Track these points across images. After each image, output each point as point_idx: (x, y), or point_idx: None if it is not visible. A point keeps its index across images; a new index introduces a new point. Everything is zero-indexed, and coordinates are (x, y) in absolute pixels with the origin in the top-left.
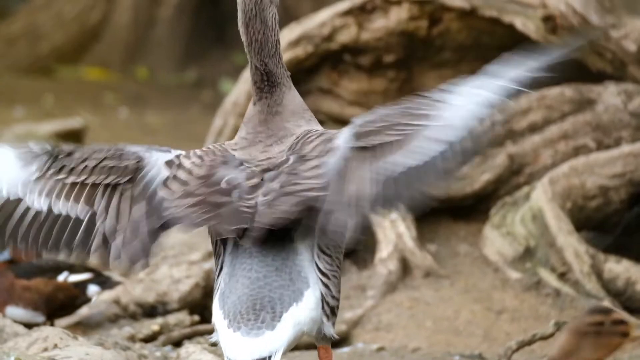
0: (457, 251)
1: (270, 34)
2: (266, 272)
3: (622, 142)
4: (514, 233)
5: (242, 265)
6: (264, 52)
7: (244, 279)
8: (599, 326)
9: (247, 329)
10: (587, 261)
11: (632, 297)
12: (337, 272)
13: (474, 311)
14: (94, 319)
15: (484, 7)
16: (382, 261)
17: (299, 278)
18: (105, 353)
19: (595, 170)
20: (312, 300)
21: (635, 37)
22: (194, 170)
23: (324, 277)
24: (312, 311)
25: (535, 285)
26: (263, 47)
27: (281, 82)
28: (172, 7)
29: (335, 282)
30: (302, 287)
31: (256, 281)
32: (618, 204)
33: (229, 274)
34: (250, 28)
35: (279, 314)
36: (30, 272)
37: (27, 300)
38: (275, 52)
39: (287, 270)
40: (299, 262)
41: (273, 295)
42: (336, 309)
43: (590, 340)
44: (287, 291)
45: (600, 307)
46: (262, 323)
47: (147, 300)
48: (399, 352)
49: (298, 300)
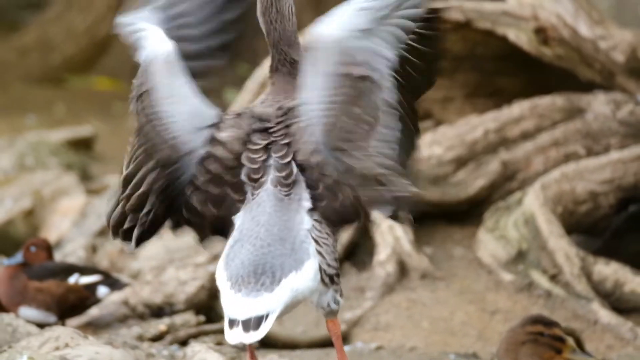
0: (452, 254)
1: (287, 23)
2: (271, 240)
3: (610, 149)
4: (507, 236)
5: (249, 232)
6: (283, 41)
7: (248, 245)
8: (537, 335)
9: (246, 290)
10: (577, 263)
11: (621, 298)
12: (328, 240)
13: (469, 312)
14: (103, 319)
15: (478, 20)
16: (380, 264)
17: (301, 248)
18: (115, 352)
19: (585, 176)
20: (311, 270)
21: (623, 48)
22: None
23: (317, 245)
24: (310, 281)
25: (527, 287)
26: (282, 36)
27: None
28: None
29: (328, 250)
30: (303, 257)
31: (260, 248)
32: (607, 209)
33: (235, 239)
34: (267, 17)
35: (278, 279)
36: (42, 274)
37: (40, 301)
38: (295, 41)
39: (291, 240)
40: (303, 232)
41: (275, 262)
42: (335, 277)
43: (528, 347)
44: (288, 259)
45: (542, 318)
46: (262, 286)
47: (155, 302)
48: (396, 351)
49: (298, 268)
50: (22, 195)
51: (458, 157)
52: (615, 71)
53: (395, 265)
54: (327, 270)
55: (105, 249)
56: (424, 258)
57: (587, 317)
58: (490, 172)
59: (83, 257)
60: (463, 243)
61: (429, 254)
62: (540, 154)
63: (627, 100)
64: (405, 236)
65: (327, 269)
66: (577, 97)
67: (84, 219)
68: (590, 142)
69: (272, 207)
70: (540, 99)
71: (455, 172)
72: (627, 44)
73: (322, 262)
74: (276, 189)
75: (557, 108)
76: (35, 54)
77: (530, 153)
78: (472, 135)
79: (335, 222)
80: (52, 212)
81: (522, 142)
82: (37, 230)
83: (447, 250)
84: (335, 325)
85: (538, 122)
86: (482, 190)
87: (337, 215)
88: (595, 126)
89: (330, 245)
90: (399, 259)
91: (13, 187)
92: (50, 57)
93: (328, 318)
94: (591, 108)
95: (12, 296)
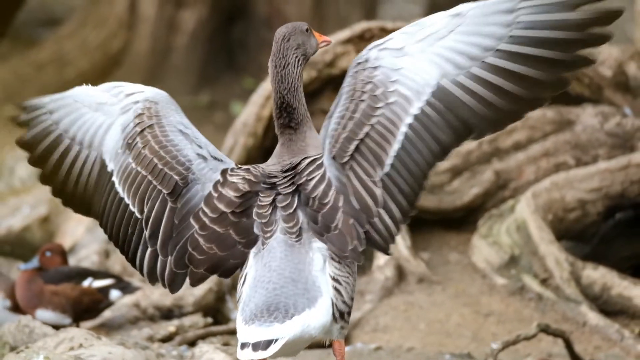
0: (448, 259)
1: (292, 71)
2: (283, 282)
3: (598, 159)
4: (500, 242)
5: (262, 278)
6: (283, 85)
7: (262, 290)
8: None
9: (259, 322)
10: (566, 268)
11: (608, 301)
12: (349, 278)
13: (464, 314)
14: (116, 321)
15: None
16: (379, 268)
17: (314, 287)
18: (126, 352)
19: (574, 185)
20: (324, 307)
21: (610, 63)
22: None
23: (335, 282)
24: (323, 317)
25: (519, 290)
26: (283, 81)
27: (303, 121)
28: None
29: (346, 288)
30: (317, 295)
31: (272, 291)
32: (595, 216)
33: (249, 286)
34: (273, 62)
35: (291, 315)
36: (57, 278)
37: (55, 304)
38: (296, 90)
39: (303, 281)
40: (314, 272)
41: (288, 301)
42: (346, 315)
43: None
44: (301, 299)
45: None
46: (275, 319)
47: (165, 304)
48: (395, 351)
49: (311, 306)
50: (38, 202)
51: (453, 167)
52: (603, 85)
53: (393, 270)
54: (341, 307)
55: (118, 254)
56: (421, 263)
57: (576, 319)
58: (484, 181)
59: (96, 262)
60: (458, 248)
61: (425, 259)
62: (531, 163)
63: (615, 112)
64: (403, 242)
65: (341, 306)
66: (567, 110)
67: (97, 225)
68: (579, 153)
69: (283, 253)
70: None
71: (450, 181)
72: (614, 60)
73: (337, 298)
74: (286, 236)
75: (548, 120)
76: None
77: (522, 163)
78: (466, 146)
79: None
80: (67, 219)
81: (514, 152)
82: (52, 236)
83: (443, 256)
84: (341, 346)
85: (529, 134)
86: (477, 198)
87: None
88: (584, 137)
89: (350, 284)
90: (397, 264)
91: (30, 195)
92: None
93: (334, 339)
94: (580, 120)
95: (29, 299)
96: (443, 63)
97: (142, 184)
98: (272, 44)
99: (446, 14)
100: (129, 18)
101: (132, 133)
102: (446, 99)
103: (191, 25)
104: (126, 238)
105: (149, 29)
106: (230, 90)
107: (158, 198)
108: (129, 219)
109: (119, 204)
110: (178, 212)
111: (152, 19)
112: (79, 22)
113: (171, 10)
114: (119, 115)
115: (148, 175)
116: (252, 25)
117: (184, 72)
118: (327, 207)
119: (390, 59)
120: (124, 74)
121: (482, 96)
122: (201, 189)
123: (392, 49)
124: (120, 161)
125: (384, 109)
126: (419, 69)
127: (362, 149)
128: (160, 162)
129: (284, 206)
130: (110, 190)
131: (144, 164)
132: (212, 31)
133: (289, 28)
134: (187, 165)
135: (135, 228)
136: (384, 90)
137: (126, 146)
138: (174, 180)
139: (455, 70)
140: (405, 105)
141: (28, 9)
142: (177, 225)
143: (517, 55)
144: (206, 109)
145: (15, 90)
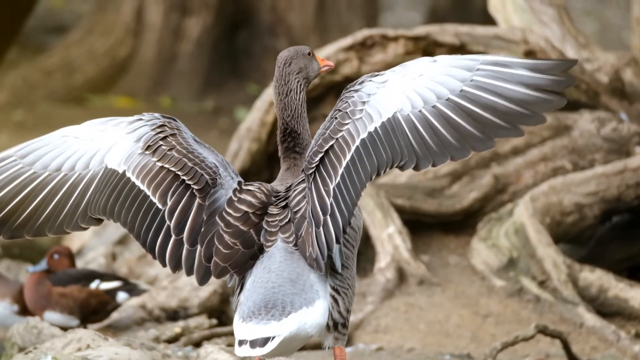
0: (447, 261)
1: (295, 97)
2: (281, 282)
3: (595, 163)
4: (499, 245)
5: (260, 279)
6: (286, 112)
7: (260, 289)
8: None
9: (257, 320)
10: (564, 270)
11: (605, 303)
12: (348, 291)
13: (463, 315)
14: (122, 322)
15: (472, 43)
16: (380, 270)
17: (311, 290)
18: (133, 353)
19: (572, 189)
20: (321, 307)
21: (607, 70)
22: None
23: (334, 292)
24: (320, 316)
25: (517, 292)
26: (286, 108)
27: (307, 146)
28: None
29: (344, 299)
30: (314, 296)
31: (271, 289)
32: (592, 219)
33: (248, 290)
34: (276, 88)
35: (287, 313)
36: (65, 280)
37: (63, 305)
38: (300, 116)
39: (301, 283)
40: (312, 278)
41: (285, 299)
42: (341, 326)
43: None
44: (298, 298)
45: None
46: (272, 317)
47: (170, 306)
48: (395, 352)
49: (308, 305)
50: None
51: (453, 171)
52: (599, 91)
53: (394, 272)
54: (336, 317)
55: (124, 256)
56: (421, 265)
57: (573, 321)
58: (483, 185)
59: (103, 264)
60: (458, 251)
61: (426, 262)
62: (529, 168)
63: (611, 118)
64: (404, 245)
65: (336, 317)
66: (564, 115)
67: (104, 228)
68: (577, 157)
69: (283, 257)
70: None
71: (450, 185)
72: (610, 66)
73: (334, 307)
74: (285, 245)
75: (546, 125)
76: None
77: (520, 167)
78: None
79: None
80: None
81: (513, 157)
82: (60, 239)
83: (443, 258)
84: (342, 352)
85: (528, 139)
86: (476, 202)
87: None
88: (581, 142)
89: (348, 297)
90: (397, 266)
91: None
92: (73, 78)
93: (335, 345)
94: (577, 126)
95: (37, 301)
96: (404, 99)
97: (166, 179)
98: (275, 69)
99: (427, 60)
100: (135, 26)
101: (154, 138)
102: (396, 128)
103: (196, 33)
104: (144, 226)
105: (155, 36)
106: (234, 96)
107: (186, 193)
108: (148, 209)
109: (136, 196)
110: (206, 209)
111: (158, 26)
112: (86, 29)
113: (177, 18)
114: (125, 134)
115: (177, 170)
116: (256, 32)
117: (189, 79)
118: (298, 216)
119: (371, 87)
120: (131, 80)
121: (422, 134)
122: (225, 193)
123: (377, 82)
124: (137, 161)
125: (349, 125)
126: (386, 99)
127: (325, 161)
128: (190, 162)
129: (281, 218)
130: (125, 186)
131: (172, 162)
132: (217, 38)
133: (290, 52)
134: (214, 169)
135: (156, 217)
136: (353, 108)
137: (146, 148)
138: (205, 179)
139: (409, 108)
140: (367, 123)
141: (36, 16)
142: (205, 221)
143: (460, 108)
144: (211, 115)
145: (24, 95)
